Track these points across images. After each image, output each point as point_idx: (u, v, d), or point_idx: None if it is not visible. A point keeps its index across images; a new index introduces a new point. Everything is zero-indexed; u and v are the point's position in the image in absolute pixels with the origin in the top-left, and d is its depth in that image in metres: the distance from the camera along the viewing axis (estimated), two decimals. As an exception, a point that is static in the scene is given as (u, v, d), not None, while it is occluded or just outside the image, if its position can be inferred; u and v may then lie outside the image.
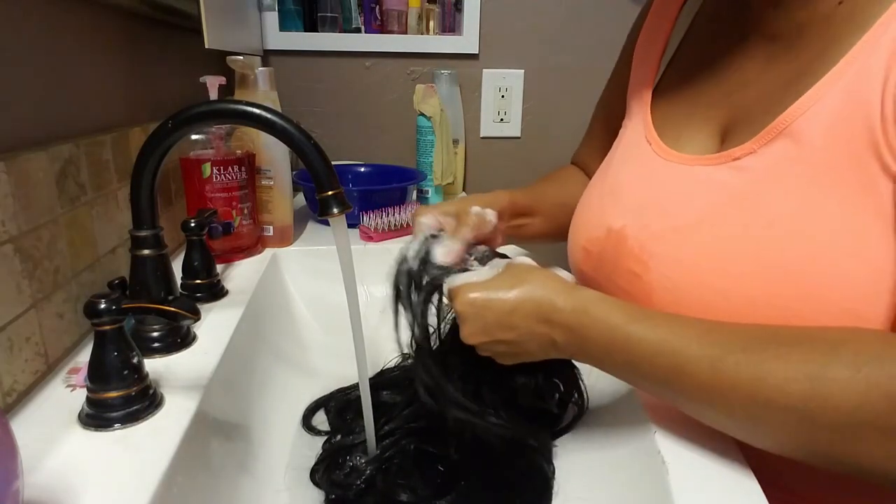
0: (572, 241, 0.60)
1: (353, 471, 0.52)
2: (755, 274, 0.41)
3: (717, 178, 0.45)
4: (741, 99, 0.48)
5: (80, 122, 0.53)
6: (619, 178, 0.56)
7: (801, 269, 0.39)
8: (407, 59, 1.18)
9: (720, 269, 0.42)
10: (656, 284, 0.47)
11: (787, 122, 0.41)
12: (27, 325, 0.42)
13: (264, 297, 0.67)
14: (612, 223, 0.53)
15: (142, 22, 0.68)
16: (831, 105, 0.39)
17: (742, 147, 0.44)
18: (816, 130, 0.39)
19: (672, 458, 0.39)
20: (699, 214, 0.45)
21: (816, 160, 0.39)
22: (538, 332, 0.42)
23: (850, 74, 0.38)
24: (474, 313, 0.42)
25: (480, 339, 0.43)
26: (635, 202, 0.52)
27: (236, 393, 0.52)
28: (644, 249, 0.48)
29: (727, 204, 0.44)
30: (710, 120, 0.50)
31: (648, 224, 0.49)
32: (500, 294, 0.42)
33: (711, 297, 0.43)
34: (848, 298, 0.37)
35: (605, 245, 0.53)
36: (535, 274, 0.43)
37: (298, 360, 0.69)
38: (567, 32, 1.21)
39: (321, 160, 0.42)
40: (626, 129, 0.59)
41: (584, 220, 0.58)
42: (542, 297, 0.41)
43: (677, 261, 0.46)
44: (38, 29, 0.47)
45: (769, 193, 0.41)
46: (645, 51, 0.60)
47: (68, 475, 0.35)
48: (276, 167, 0.76)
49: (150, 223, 0.47)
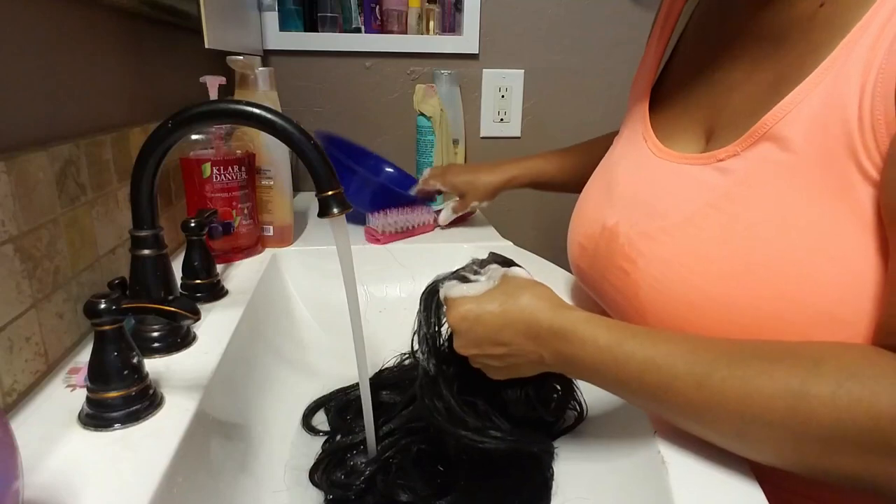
0: (570, 237, 0.61)
1: (352, 471, 0.52)
2: (736, 275, 0.41)
3: (701, 178, 0.46)
4: (726, 100, 0.48)
5: (80, 122, 0.53)
6: (616, 174, 0.56)
7: (779, 271, 0.39)
8: (407, 59, 1.18)
9: (703, 270, 0.43)
10: (643, 283, 0.47)
11: (769, 125, 0.41)
12: (27, 325, 0.42)
13: (264, 297, 0.67)
14: (607, 220, 0.53)
15: (142, 22, 0.68)
16: (810, 109, 0.39)
17: (726, 149, 0.44)
18: (796, 134, 0.39)
19: (672, 458, 0.39)
20: (684, 214, 0.46)
21: (796, 164, 0.39)
22: (527, 350, 0.42)
23: (828, 79, 0.38)
24: (466, 328, 0.43)
25: (472, 351, 0.44)
26: (628, 199, 0.52)
27: (236, 393, 0.52)
28: (633, 247, 0.49)
29: (711, 205, 0.44)
30: (697, 121, 0.51)
31: (637, 221, 0.50)
32: (491, 309, 0.43)
33: (695, 296, 0.43)
34: (825, 301, 0.38)
35: (599, 241, 0.54)
36: (527, 290, 0.43)
37: (298, 360, 0.69)
38: (567, 32, 1.21)
39: (321, 160, 0.42)
40: (625, 126, 0.60)
41: (582, 216, 0.59)
42: (530, 316, 0.42)
43: (663, 260, 0.46)
44: (39, 29, 0.47)
45: (750, 196, 0.42)
46: (650, 48, 0.61)
47: (68, 475, 0.35)
48: (276, 167, 0.76)
49: (150, 223, 0.47)
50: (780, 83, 0.42)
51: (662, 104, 0.56)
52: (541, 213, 1.32)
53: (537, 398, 0.48)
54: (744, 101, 0.46)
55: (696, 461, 0.39)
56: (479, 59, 1.20)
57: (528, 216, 1.32)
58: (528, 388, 0.47)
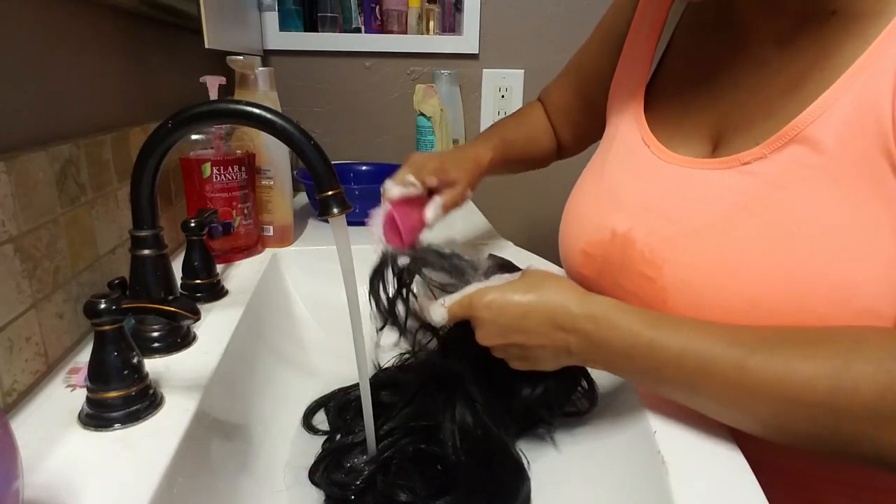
0: (567, 244, 0.59)
1: (352, 470, 0.52)
2: (773, 277, 0.41)
3: (724, 182, 0.46)
4: (733, 103, 0.48)
5: (80, 122, 0.53)
6: (617, 179, 0.55)
7: (818, 271, 0.40)
8: (407, 59, 1.18)
9: (738, 273, 0.43)
10: (672, 288, 0.47)
11: (799, 127, 0.42)
12: (27, 325, 0.42)
13: (264, 297, 0.67)
14: (616, 226, 0.52)
15: (142, 22, 0.68)
16: (842, 112, 0.40)
17: (751, 152, 0.44)
18: (829, 136, 0.40)
19: (672, 458, 0.39)
20: (709, 219, 0.46)
21: (829, 165, 0.40)
22: (553, 338, 0.42)
23: (859, 82, 0.39)
24: (491, 317, 0.43)
25: (496, 341, 0.44)
26: (638, 205, 0.52)
27: (236, 393, 0.52)
28: (656, 254, 0.48)
29: (740, 208, 0.44)
30: (701, 124, 0.51)
31: (656, 227, 0.49)
32: (515, 297, 0.43)
33: (731, 300, 0.43)
34: (867, 298, 0.39)
35: (610, 249, 0.53)
36: (551, 280, 0.44)
37: (298, 360, 0.69)
38: (567, 32, 1.21)
39: (321, 160, 0.42)
40: (617, 128, 0.58)
41: (582, 223, 0.57)
42: (557, 303, 0.42)
43: (691, 265, 0.46)
44: (38, 29, 0.47)
45: (783, 198, 0.42)
46: (635, 48, 0.60)
47: (68, 475, 0.35)
48: (276, 167, 0.76)
49: (150, 223, 0.47)
50: (798, 86, 0.43)
51: (657, 107, 0.55)
52: (531, 212, 1.32)
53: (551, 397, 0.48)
54: (755, 104, 0.47)
55: (696, 461, 0.39)
56: (479, 59, 1.20)
57: (517, 212, 1.32)
58: (544, 385, 0.48)
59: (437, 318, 0.47)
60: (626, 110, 0.58)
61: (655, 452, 0.40)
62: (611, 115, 0.61)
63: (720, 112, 0.49)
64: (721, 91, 0.50)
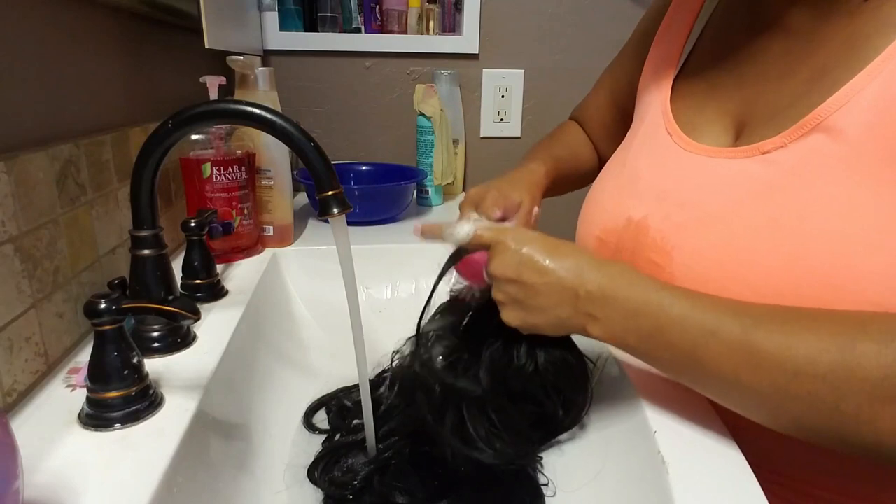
0: (584, 230, 0.59)
1: (350, 470, 0.52)
2: (783, 266, 0.41)
3: (744, 170, 0.45)
4: (758, 92, 0.48)
5: (80, 122, 0.53)
6: (638, 168, 0.55)
7: (831, 262, 0.39)
8: (407, 59, 1.18)
9: (747, 261, 0.43)
10: (679, 275, 0.47)
11: (823, 116, 0.41)
12: (27, 325, 0.42)
13: (264, 297, 0.67)
14: (633, 213, 0.52)
15: (142, 22, 0.68)
16: (868, 101, 0.39)
17: (771, 140, 0.44)
18: (853, 126, 0.40)
19: (672, 458, 0.39)
20: (724, 206, 0.45)
21: (852, 155, 0.39)
22: (565, 283, 0.43)
23: (886, 72, 0.39)
24: (515, 247, 0.44)
25: (507, 272, 0.44)
26: (656, 192, 0.52)
27: (236, 393, 0.52)
28: (667, 240, 0.48)
29: (756, 196, 0.44)
30: (725, 113, 0.50)
31: (670, 214, 0.49)
32: (548, 238, 0.45)
33: (738, 288, 0.43)
34: (878, 291, 0.38)
35: (624, 235, 0.53)
36: (570, 243, 0.46)
37: (298, 360, 0.69)
38: (567, 32, 1.21)
39: (321, 160, 0.42)
40: (643, 119, 0.59)
41: (600, 210, 0.58)
42: (581, 256, 0.44)
43: (699, 252, 0.46)
44: (38, 29, 0.47)
45: (801, 187, 0.41)
46: (666, 39, 0.60)
47: (68, 475, 0.35)
48: (276, 167, 0.76)
49: (150, 223, 0.47)
50: (823, 75, 0.43)
51: (681, 96, 0.55)
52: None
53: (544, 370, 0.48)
54: (780, 93, 0.46)
55: (696, 461, 0.39)
56: (478, 59, 1.20)
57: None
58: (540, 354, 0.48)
59: (462, 232, 0.47)
60: (653, 101, 0.58)
61: (655, 452, 0.40)
62: (639, 106, 0.62)
63: (745, 101, 0.49)
64: (747, 80, 0.50)
